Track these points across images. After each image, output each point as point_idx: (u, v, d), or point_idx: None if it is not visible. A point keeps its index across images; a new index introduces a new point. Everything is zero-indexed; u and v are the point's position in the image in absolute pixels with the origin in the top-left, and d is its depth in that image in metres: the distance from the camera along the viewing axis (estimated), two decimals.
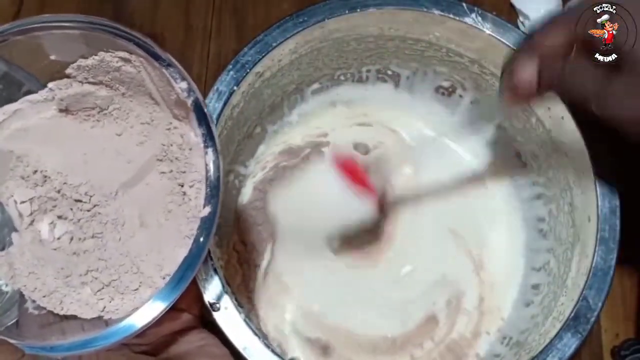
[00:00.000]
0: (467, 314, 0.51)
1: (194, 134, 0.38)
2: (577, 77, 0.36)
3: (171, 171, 0.39)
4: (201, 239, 0.36)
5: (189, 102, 0.37)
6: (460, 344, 0.50)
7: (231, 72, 0.45)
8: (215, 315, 0.40)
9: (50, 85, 0.39)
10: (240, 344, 0.39)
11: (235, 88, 0.45)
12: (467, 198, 0.53)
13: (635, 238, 0.43)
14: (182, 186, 0.39)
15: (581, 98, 0.37)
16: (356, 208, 0.47)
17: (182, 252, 0.35)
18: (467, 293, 0.51)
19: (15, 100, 0.39)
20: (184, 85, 0.37)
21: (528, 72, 0.37)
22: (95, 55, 0.38)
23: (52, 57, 0.38)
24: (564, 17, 0.37)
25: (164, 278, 0.37)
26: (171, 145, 0.39)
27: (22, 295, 0.37)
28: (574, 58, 0.36)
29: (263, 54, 0.46)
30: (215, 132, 0.37)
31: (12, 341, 0.30)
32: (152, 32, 0.37)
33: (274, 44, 0.46)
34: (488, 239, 0.52)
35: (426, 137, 0.55)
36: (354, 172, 0.46)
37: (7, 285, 0.37)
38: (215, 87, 0.45)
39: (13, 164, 0.39)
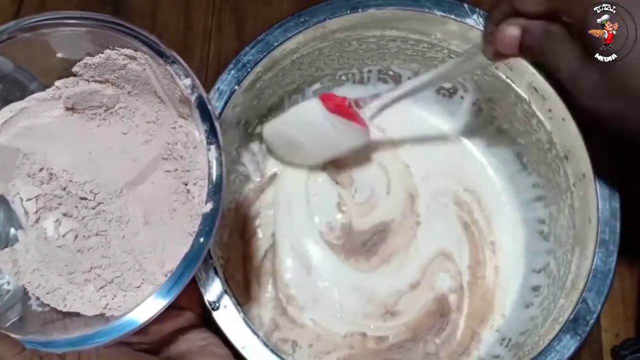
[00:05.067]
0: None
1: (198, 132, 0.38)
2: (555, 48, 0.36)
3: (176, 170, 0.39)
4: (202, 236, 0.35)
5: (193, 98, 0.37)
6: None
7: (232, 72, 0.45)
8: (215, 314, 0.40)
9: (57, 83, 0.39)
10: (239, 343, 0.39)
11: (236, 87, 0.45)
12: (466, 199, 0.53)
13: (636, 240, 0.43)
14: (187, 185, 0.38)
15: (555, 70, 0.37)
16: (347, 135, 0.48)
17: (185, 249, 0.35)
18: None
19: (21, 99, 0.39)
20: (187, 82, 0.37)
21: (509, 34, 0.37)
22: (101, 53, 0.38)
23: (59, 55, 0.38)
24: None
25: (166, 275, 0.37)
26: (176, 143, 0.39)
27: (26, 292, 0.37)
28: (554, 28, 0.36)
29: (264, 54, 0.46)
30: (219, 129, 0.37)
31: (14, 336, 0.30)
32: (152, 32, 0.38)
33: (276, 44, 0.46)
34: (487, 240, 0.52)
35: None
36: (341, 106, 0.47)
37: (9, 283, 0.37)
38: (216, 87, 0.45)
39: (19, 162, 0.39)
